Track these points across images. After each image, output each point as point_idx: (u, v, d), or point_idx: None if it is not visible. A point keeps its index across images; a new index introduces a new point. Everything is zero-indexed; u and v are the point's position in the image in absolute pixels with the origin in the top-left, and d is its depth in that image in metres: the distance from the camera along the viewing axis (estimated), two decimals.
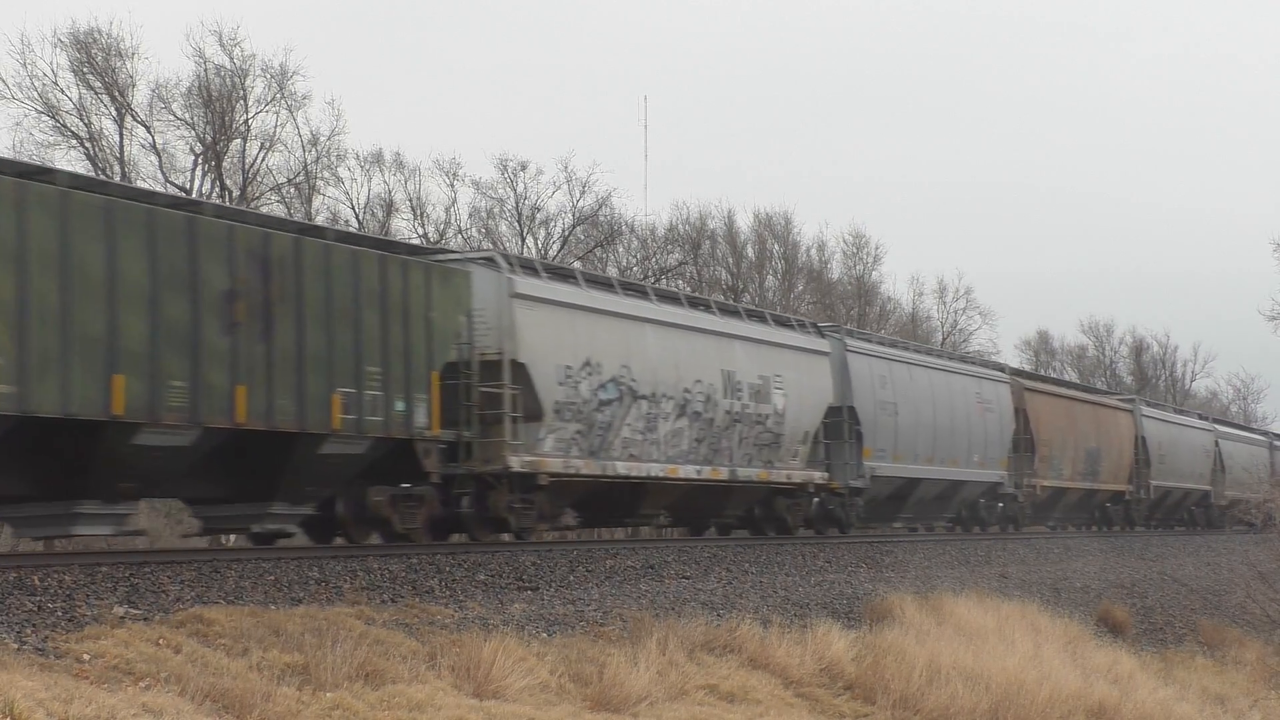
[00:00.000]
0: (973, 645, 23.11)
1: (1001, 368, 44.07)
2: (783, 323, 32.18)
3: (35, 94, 41.38)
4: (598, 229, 55.48)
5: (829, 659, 20.72)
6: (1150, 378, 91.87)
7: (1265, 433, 70.49)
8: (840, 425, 32.94)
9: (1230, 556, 44.36)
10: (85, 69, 42.13)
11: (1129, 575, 38.14)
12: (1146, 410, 52.54)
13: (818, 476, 31.81)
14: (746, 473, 29.08)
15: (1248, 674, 32.08)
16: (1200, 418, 61.76)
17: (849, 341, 34.19)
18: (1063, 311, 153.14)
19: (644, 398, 26.04)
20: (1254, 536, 42.87)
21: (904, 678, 20.53)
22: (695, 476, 27.52)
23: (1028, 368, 76.26)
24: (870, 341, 36.73)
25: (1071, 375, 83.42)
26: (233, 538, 26.79)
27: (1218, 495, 58.16)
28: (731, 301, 43.17)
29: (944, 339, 71.28)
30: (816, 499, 32.63)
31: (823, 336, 33.12)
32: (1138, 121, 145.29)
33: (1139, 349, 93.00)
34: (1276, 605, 35.04)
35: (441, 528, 23.61)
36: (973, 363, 43.88)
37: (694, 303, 29.83)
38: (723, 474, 28.38)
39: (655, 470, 26.38)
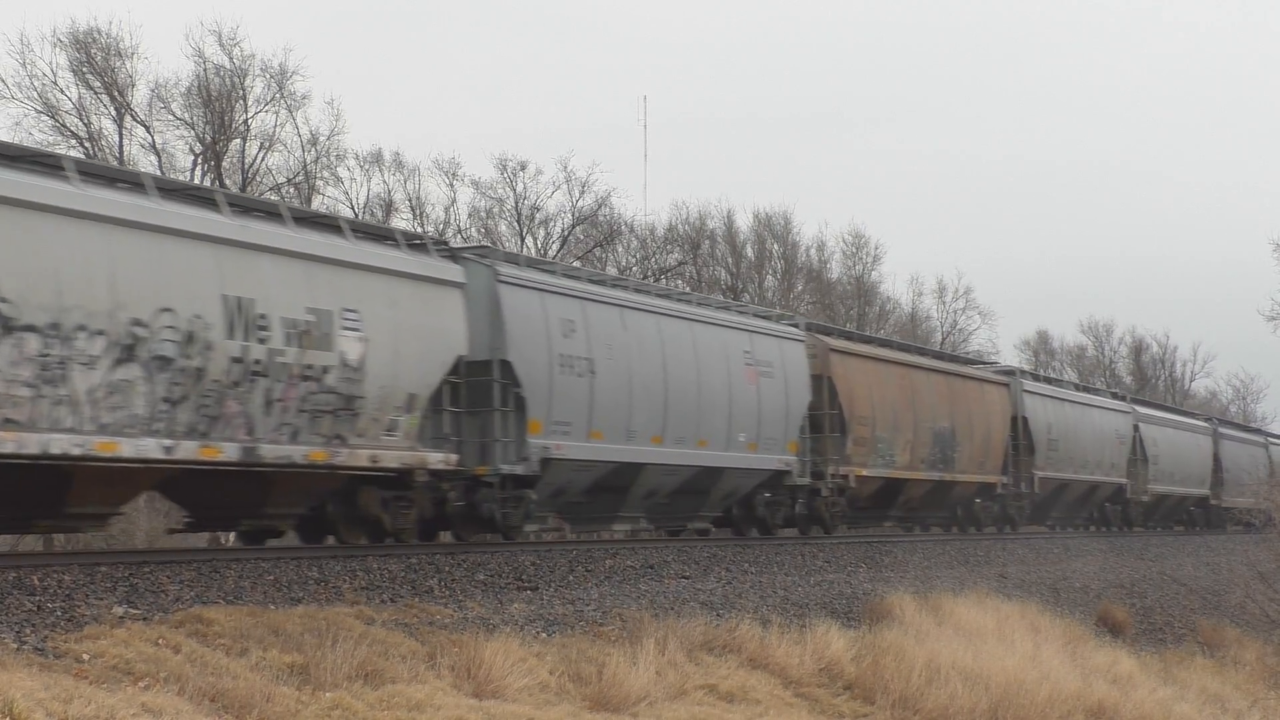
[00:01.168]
0: (972, 645, 23.12)
1: (796, 321, 33.35)
2: (376, 235, 22.64)
3: (35, 94, 41.34)
4: (597, 229, 55.47)
5: (828, 659, 20.73)
6: (1150, 378, 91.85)
7: (1211, 419, 63.40)
8: (487, 387, 23.17)
9: (1230, 557, 44.36)
10: (85, 69, 42.10)
11: (1128, 575, 38.15)
12: (1031, 385, 43.63)
13: (435, 459, 22.01)
14: (284, 452, 19.46)
15: (1247, 674, 32.09)
16: (1116, 397, 54.21)
17: (503, 269, 23.79)
18: (1062, 312, 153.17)
19: (30, 329, 16.42)
20: (1254, 536, 42.80)
21: (903, 677, 20.54)
22: (164, 456, 17.88)
23: (1027, 368, 69.60)
24: (546, 272, 25.80)
25: (1071, 375, 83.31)
26: (232, 537, 26.77)
27: (1138, 489, 50.08)
28: (271, 197, 35.53)
29: (943, 339, 71.27)
30: (451, 490, 22.97)
31: (454, 260, 23.29)
32: (1138, 116, 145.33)
33: (1138, 349, 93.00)
34: (1276, 605, 35.04)
35: None
36: (743, 312, 31.73)
37: (173, 190, 19.58)
38: (228, 453, 18.69)
39: (66, 445, 16.74)
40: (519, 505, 23.58)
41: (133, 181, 18.68)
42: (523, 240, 52.86)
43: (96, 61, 42.10)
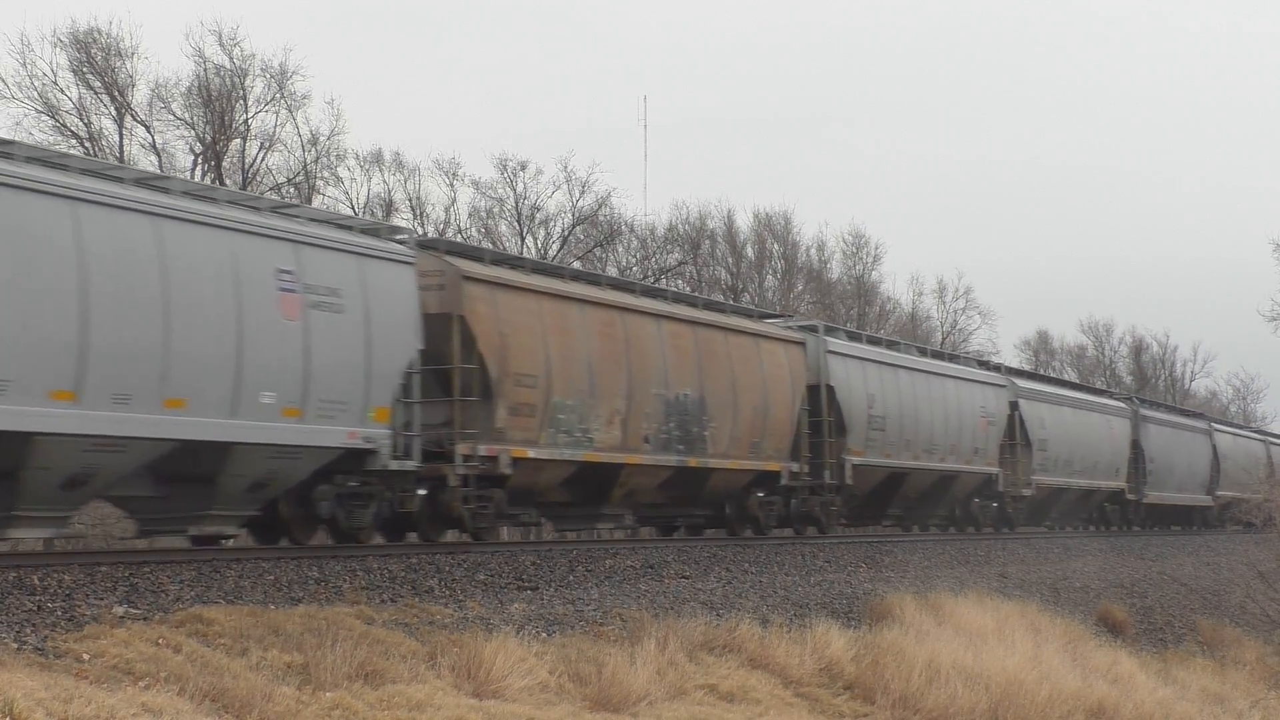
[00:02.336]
0: (972, 645, 23.11)
1: (396, 230, 23.50)
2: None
3: (35, 93, 41.36)
4: (597, 229, 55.46)
5: (829, 659, 20.72)
6: (1150, 378, 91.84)
7: (1131, 398, 54.36)
8: None
9: (1230, 556, 44.37)
10: (85, 68, 42.10)
11: (1128, 575, 38.15)
12: (841, 345, 33.37)
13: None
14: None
15: (1247, 674, 32.10)
16: (985, 365, 43.78)
17: None
18: (1062, 312, 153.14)
19: None
20: (1254, 536, 42.78)
21: (904, 677, 20.54)
22: None
23: (1027, 368, 69.30)
24: None
25: (1071, 375, 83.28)
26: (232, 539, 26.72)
27: (1016, 481, 40.67)
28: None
29: (944, 339, 71.26)
30: None
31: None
32: (1138, 117, 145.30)
33: (1139, 349, 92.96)
34: (1276, 605, 35.04)
35: None
36: (288, 214, 21.08)
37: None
38: None
39: None
40: None
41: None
42: (523, 240, 52.87)
43: (97, 61, 42.11)
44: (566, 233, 54.22)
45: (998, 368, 43.54)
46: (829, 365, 32.29)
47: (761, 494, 30.30)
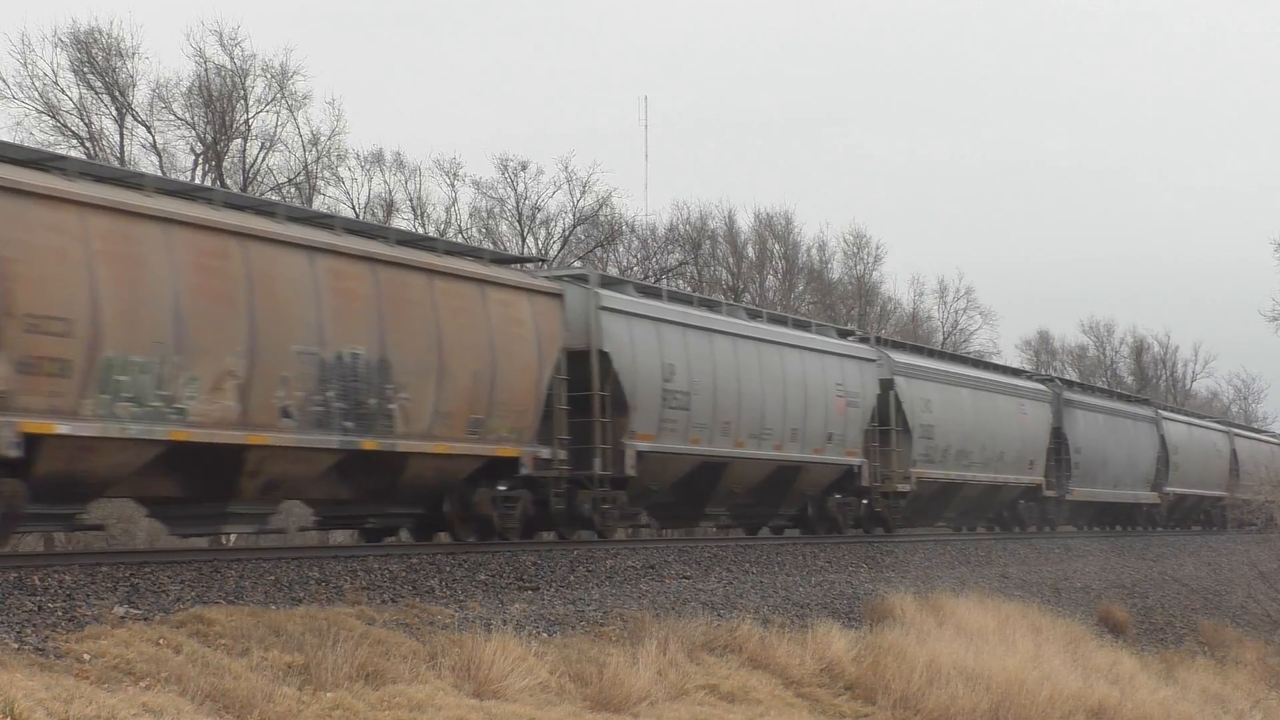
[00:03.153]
0: (973, 645, 23.12)
1: None
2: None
3: (36, 94, 41.34)
4: (598, 229, 55.43)
5: (829, 659, 20.73)
6: (1151, 378, 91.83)
7: (1053, 379, 48.41)
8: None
9: (1231, 556, 44.36)
10: (86, 69, 42.09)
11: (1129, 575, 38.16)
12: (616, 300, 25.56)
13: None
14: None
15: (1248, 674, 32.12)
16: (847, 335, 35.17)
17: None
18: (1064, 312, 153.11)
19: None
20: (1255, 536, 42.75)
21: (904, 678, 20.54)
22: None
23: (1027, 368, 62.99)
24: None
25: (1071, 375, 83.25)
26: (233, 537, 26.74)
27: (890, 473, 34.23)
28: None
29: (944, 339, 71.22)
30: None
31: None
32: (1139, 118, 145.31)
33: (1139, 349, 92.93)
34: (1277, 605, 35.06)
35: None
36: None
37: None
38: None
39: None
40: None
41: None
42: (523, 240, 52.85)
43: (97, 61, 42.10)
44: (567, 233, 54.23)
45: (866, 339, 36.15)
46: (603, 325, 24.95)
47: (503, 487, 23.21)
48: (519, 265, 26.49)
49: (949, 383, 37.33)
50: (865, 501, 33.50)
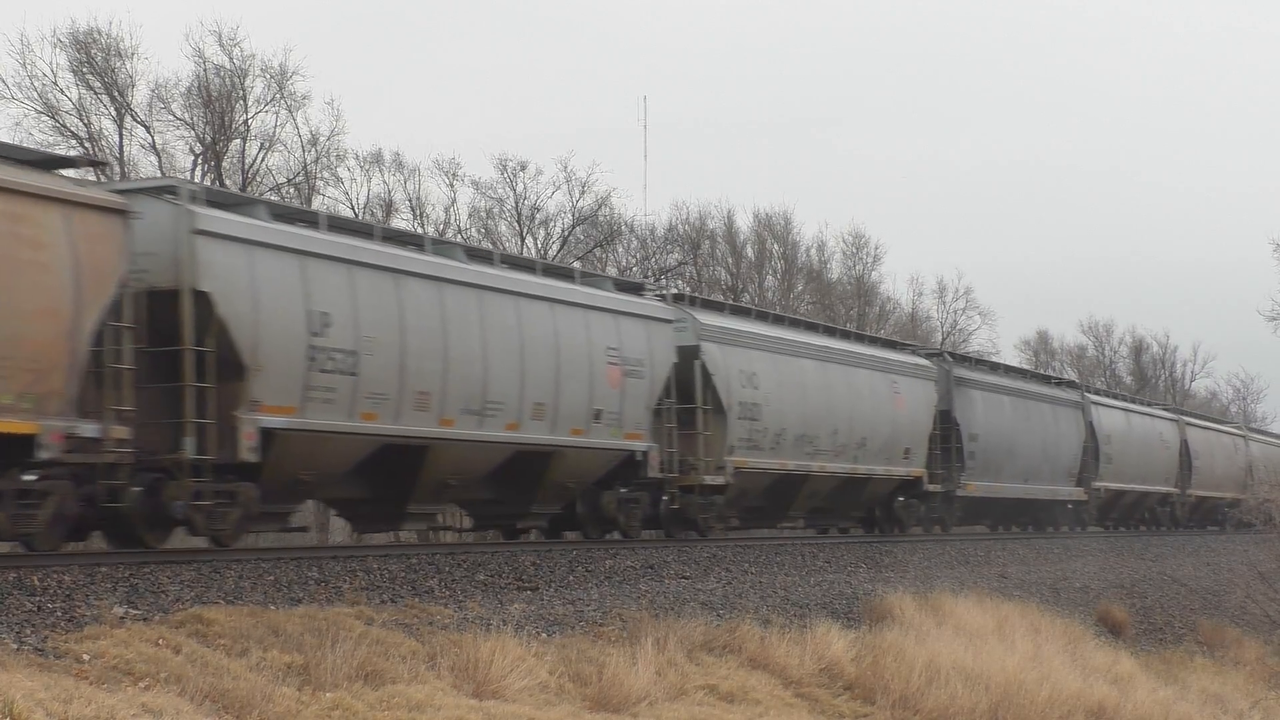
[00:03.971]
0: (972, 645, 23.13)
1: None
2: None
3: (35, 94, 41.33)
4: (597, 229, 55.43)
5: (829, 659, 20.73)
6: (1150, 378, 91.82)
7: (942, 355, 39.82)
8: None
9: (1230, 557, 44.35)
10: (85, 69, 42.07)
11: (1128, 575, 38.16)
12: (218, 222, 19.04)
13: None
14: None
15: (1247, 674, 32.13)
16: (630, 289, 27.70)
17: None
18: (1062, 312, 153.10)
19: None
20: (1254, 536, 42.73)
21: (904, 678, 20.55)
22: None
23: (1028, 368, 61.78)
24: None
25: (1071, 374, 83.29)
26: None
27: (693, 465, 27.31)
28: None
29: (943, 339, 71.24)
30: None
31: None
32: (1138, 118, 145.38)
33: (1139, 349, 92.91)
34: (1276, 605, 35.07)
35: None
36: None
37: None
38: None
39: None
40: None
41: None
42: (522, 240, 52.87)
43: (96, 62, 42.08)
44: (566, 233, 54.23)
45: (663, 295, 29.11)
46: (200, 255, 18.68)
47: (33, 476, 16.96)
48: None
49: (783, 352, 30.55)
50: (664, 498, 27.16)
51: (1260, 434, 68.83)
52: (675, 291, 32.10)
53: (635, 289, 27.95)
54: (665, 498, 27.15)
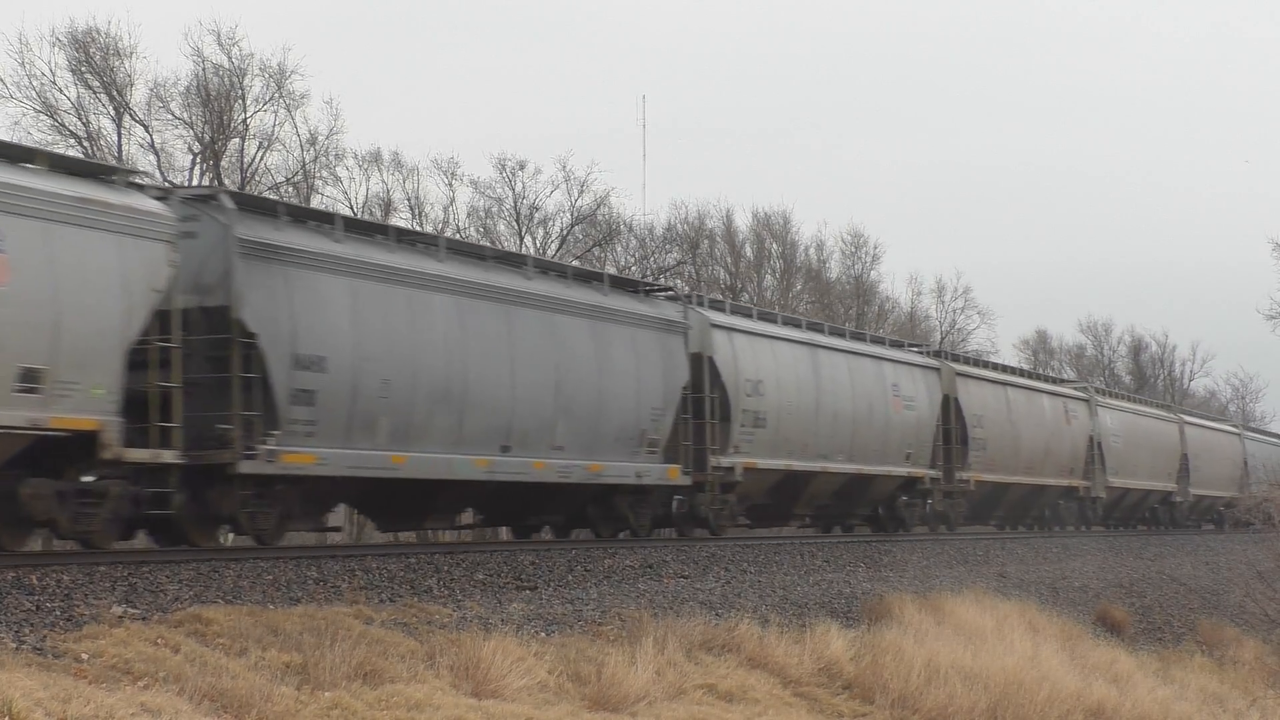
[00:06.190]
0: (971, 645, 23.13)
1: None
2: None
3: (33, 93, 41.30)
4: (596, 228, 55.41)
5: (828, 658, 20.73)
6: (1149, 377, 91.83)
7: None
8: None
9: (1229, 556, 44.35)
10: (83, 68, 42.05)
11: (1127, 575, 38.15)
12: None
13: None
14: None
15: (1246, 673, 32.13)
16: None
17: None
18: (1061, 312, 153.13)
19: None
20: (1254, 536, 42.74)
21: (903, 677, 20.55)
22: None
23: (1026, 367, 61.36)
24: None
25: (1070, 374, 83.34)
26: (231, 536, 26.71)
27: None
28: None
29: (942, 339, 71.25)
30: None
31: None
32: (1137, 119, 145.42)
33: (1137, 348, 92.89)
34: (1275, 605, 35.07)
35: None
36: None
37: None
38: None
39: None
40: None
41: None
42: (521, 240, 52.86)
43: (95, 61, 42.06)
44: (565, 232, 54.21)
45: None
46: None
47: None
48: None
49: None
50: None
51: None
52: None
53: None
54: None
